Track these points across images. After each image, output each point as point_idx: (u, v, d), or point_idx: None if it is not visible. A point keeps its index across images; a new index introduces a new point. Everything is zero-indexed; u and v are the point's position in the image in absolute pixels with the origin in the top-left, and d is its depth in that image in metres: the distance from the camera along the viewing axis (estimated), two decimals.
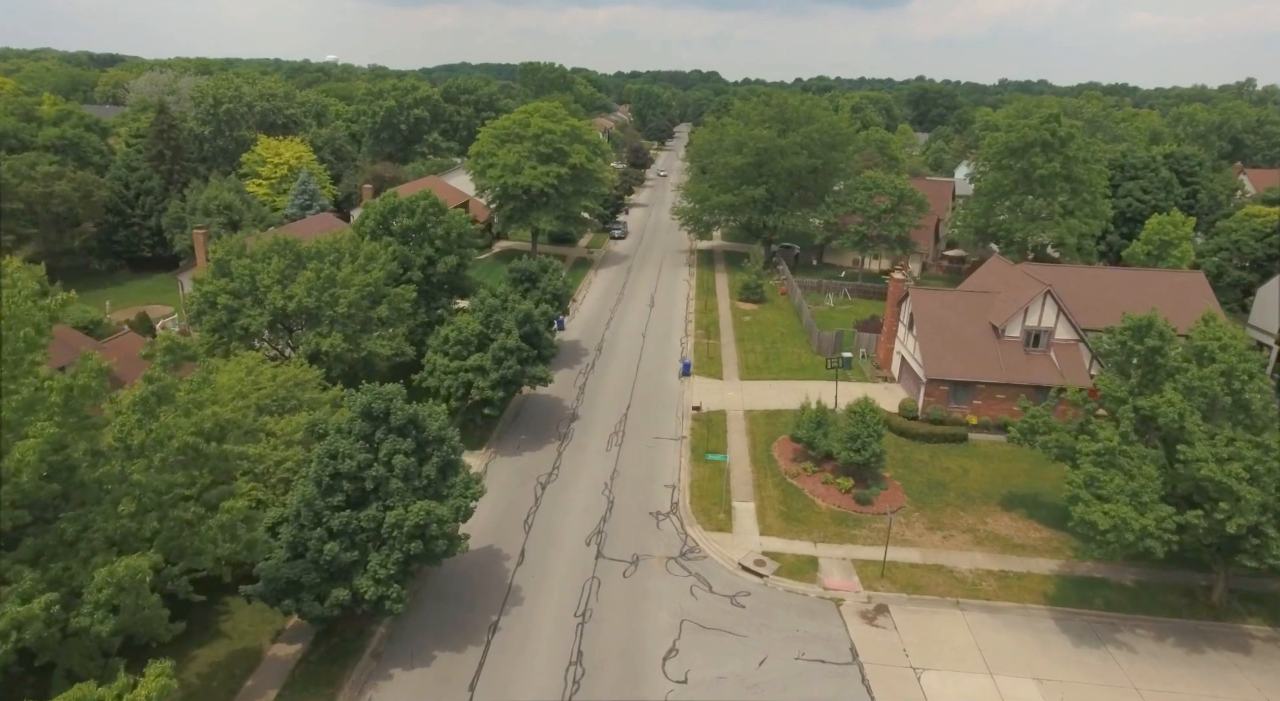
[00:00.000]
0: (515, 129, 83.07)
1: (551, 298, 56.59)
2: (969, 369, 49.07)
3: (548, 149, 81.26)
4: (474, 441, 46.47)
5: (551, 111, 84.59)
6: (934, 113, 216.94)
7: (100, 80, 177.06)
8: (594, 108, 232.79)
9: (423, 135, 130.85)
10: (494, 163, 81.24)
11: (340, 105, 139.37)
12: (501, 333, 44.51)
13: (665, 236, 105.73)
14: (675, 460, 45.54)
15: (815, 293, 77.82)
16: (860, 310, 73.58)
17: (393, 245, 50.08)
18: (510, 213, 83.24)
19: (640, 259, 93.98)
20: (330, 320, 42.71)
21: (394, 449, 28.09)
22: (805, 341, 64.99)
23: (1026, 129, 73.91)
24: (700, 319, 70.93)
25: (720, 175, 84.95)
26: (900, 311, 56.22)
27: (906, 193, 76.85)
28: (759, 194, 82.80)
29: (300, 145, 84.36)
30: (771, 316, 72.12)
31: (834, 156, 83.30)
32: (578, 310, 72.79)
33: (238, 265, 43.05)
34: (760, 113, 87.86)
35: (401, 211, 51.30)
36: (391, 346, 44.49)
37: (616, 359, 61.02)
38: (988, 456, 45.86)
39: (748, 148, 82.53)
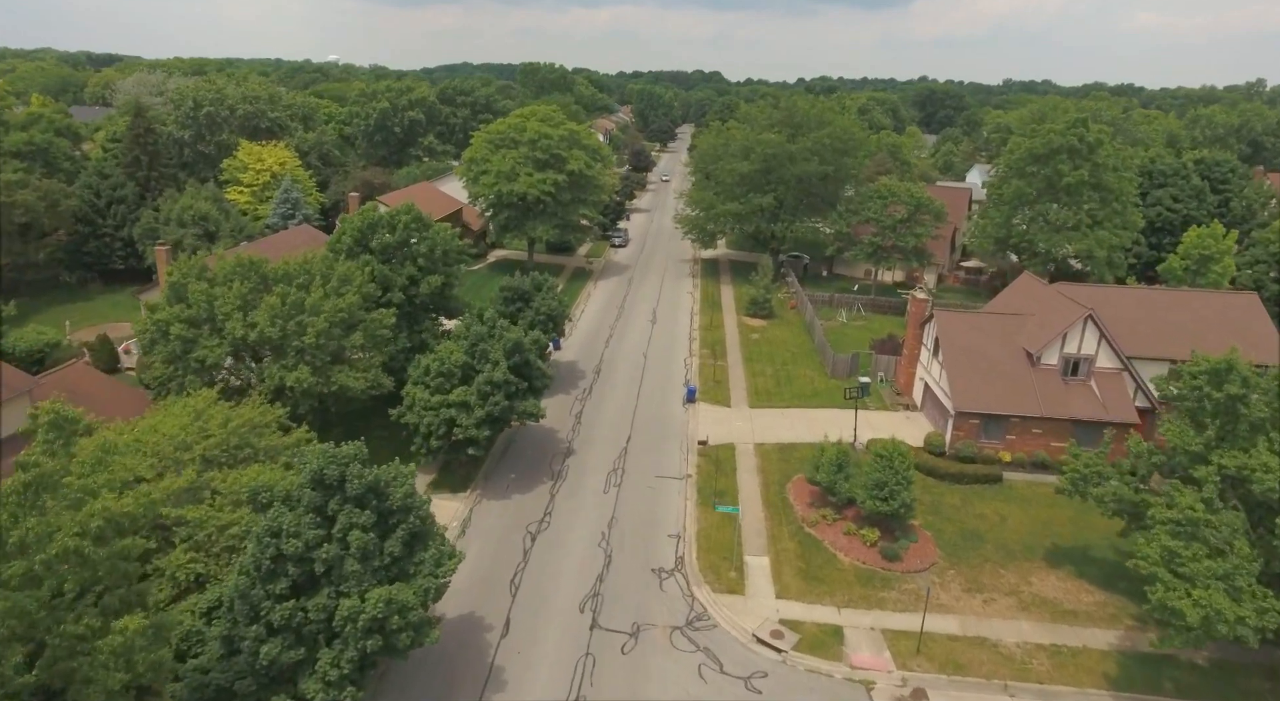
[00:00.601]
0: (510, 134, 78.58)
1: (546, 319, 52.15)
2: (1002, 401, 44.54)
3: (544, 155, 76.78)
4: (457, 482, 42.04)
5: (548, 115, 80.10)
6: (941, 114, 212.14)
7: (91, 81, 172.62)
8: (595, 108, 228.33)
9: (418, 138, 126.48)
10: (488, 169, 76.77)
11: (334, 107, 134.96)
12: (488, 364, 40.04)
13: (668, 244, 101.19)
14: (680, 504, 41.05)
15: (827, 307, 73.28)
16: (875, 327, 69.03)
17: (371, 264, 45.65)
18: (505, 222, 78.77)
19: (642, 269, 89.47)
20: (297, 351, 38.24)
21: (350, 523, 23.66)
22: (818, 363, 60.46)
23: (1052, 134, 69.30)
24: (705, 336, 66.42)
25: (726, 182, 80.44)
26: (923, 334, 51.69)
27: (923, 201, 72.32)
28: (767, 202, 78.28)
29: (284, 150, 79.88)
30: (781, 334, 67.59)
31: (846, 162, 78.75)
32: (575, 326, 68.32)
33: (195, 290, 38.58)
34: (768, 116, 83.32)
35: (381, 227, 46.83)
36: (366, 379, 40.03)
37: (616, 382, 56.52)
38: (1026, 500, 41.32)
39: (755, 153, 78.01)
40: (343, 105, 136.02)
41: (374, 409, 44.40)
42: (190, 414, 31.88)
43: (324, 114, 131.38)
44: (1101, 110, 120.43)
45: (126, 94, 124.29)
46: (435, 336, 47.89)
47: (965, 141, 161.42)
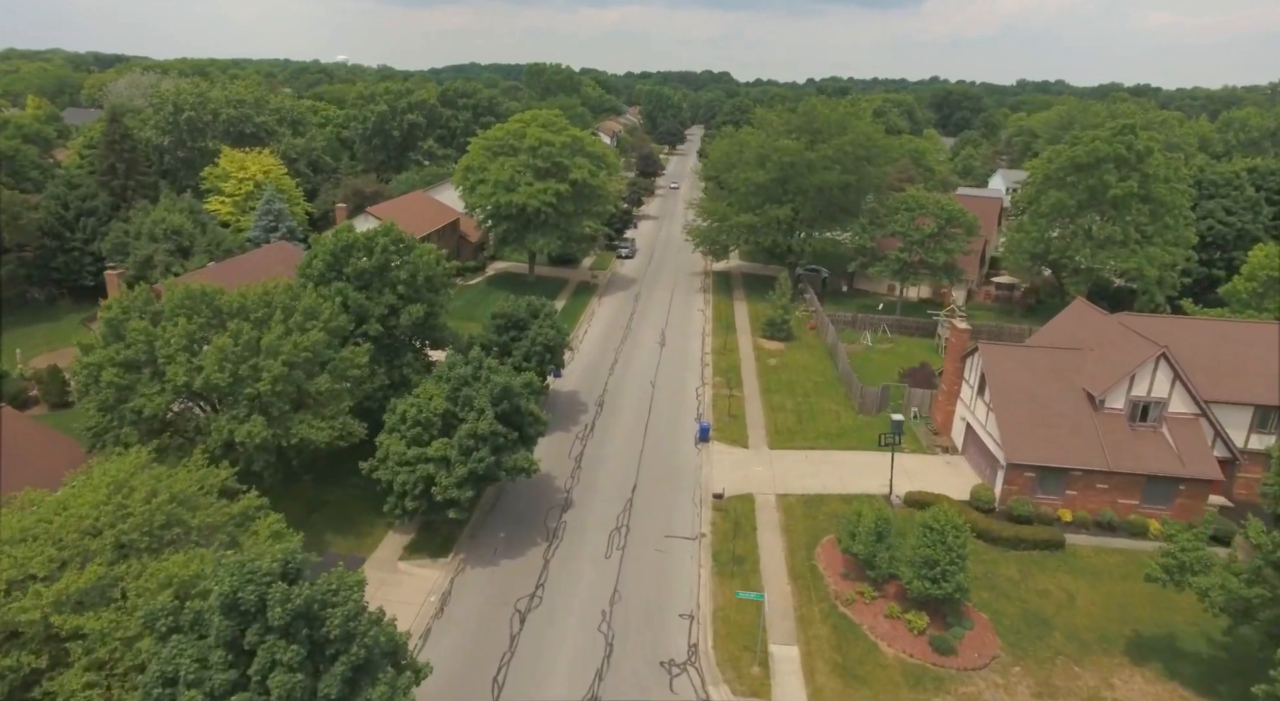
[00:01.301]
0: (509, 140, 73.15)
1: (543, 350, 46.68)
2: (1061, 451, 38.81)
3: (545, 163, 71.31)
4: (438, 545, 36.59)
5: (550, 120, 74.64)
6: (958, 116, 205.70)
7: (87, 82, 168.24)
8: (602, 110, 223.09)
9: (417, 142, 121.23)
10: (485, 178, 71.37)
11: (332, 109, 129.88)
12: (472, 412, 34.58)
13: (677, 255, 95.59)
14: (693, 572, 35.52)
15: (849, 328, 67.58)
16: (903, 352, 63.31)
17: (346, 292, 40.28)
18: (504, 234, 73.36)
19: (650, 283, 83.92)
20: (250, 400, 32.88)
21: (272, 660, 18.24)
22: (843, 395, 54.79)
23: (1097, 142, 63.38)
24: (719, 362, 60.82)
25: (740, 191, 74.82)
26: (965, 368, 45.98)
27: (954, 214, 66.53)
28: (784, 214, 72.64)
29: (269, 158, 74.66)
30: (801, 359, 61.92)
31: (869, 171, 73.02)
32: (578, 348, 62.86)
33: (134, 328, 33.25)
34: (785, 121, 77.65)
35: (357, 250, 41.42)
36: (333, 429, 34.65)
37: (621, 417, 51.00)
38: (1095, 572, 35.58)
39: (771, 161, 72.38)
40: (341, 107, 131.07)
41: (351, 453, 38.98)
42: (109, 486, 26.50)
43: (321, 116, 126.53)
44: (1132, 113, 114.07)
45: (118, 96, 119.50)
46: (419, 371, 42.46)
47: (985, 145, 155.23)
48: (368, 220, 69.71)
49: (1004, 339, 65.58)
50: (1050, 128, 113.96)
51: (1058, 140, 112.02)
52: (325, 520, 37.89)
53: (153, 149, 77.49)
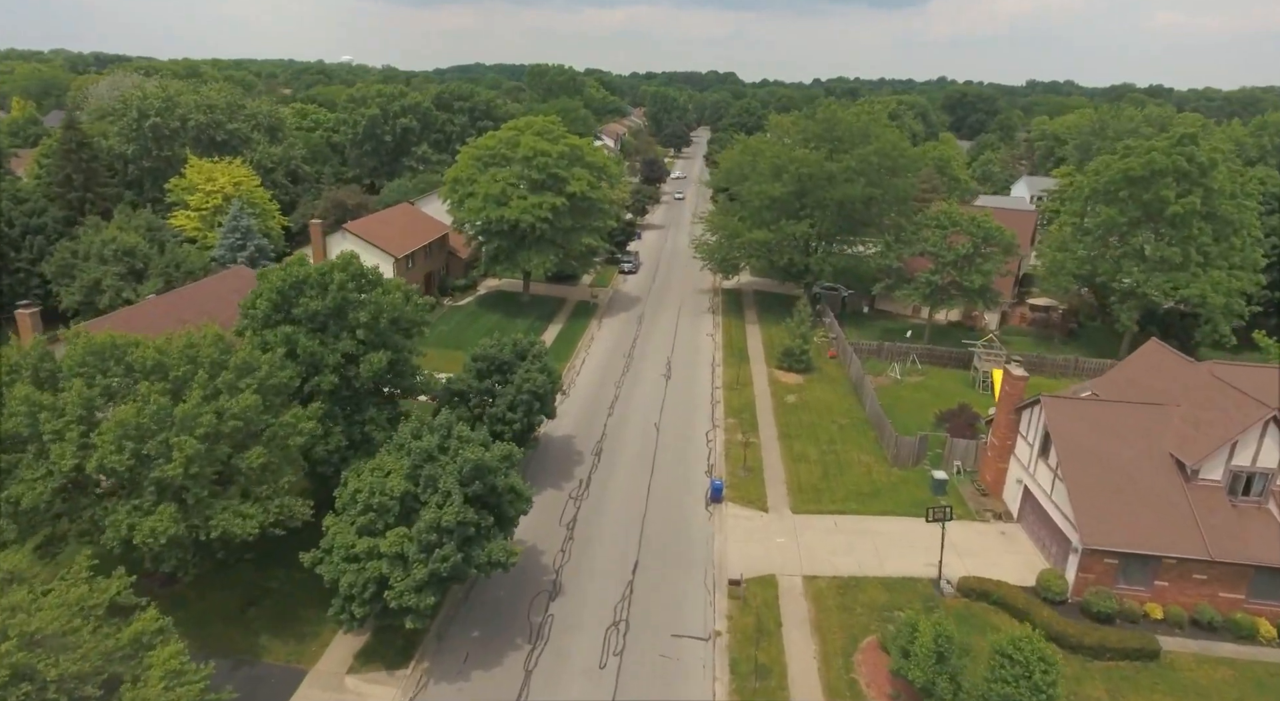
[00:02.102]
0: (501, 149, 66.56)
1: (530, 398, 40.08)
2: (1148, 533, 32.11)
3: (540, 175, 64.72)
4: (395, 652, 30.02)
5: (545, 127, 68.03)
6: (972, 118, 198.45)
7: (74, 84, 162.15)
8: (606, 111, 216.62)
9: (411, 147, 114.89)
10: (474, 191, 64.80)
11: (322, 112, 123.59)
12: (436, 496, 28.05)
13: (683, 270, 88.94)
14: (706, 687, 28.93)
15: (875, 358, 60.87)
16: (936, 385, 56.61)
17: (295, 338, 33.78)
18: (495, 252, 66.78)
19: (654, 302, 77.32)
20: (157, 486, 26.40)
21: None
22: (873, 441, 48.12)
23: (1154, 154, 56.49)
24: (731, 399, 54.17)
25: (753, 205, 68.14)
26: (1021, 422, 39.29)
27: (991, 232, 59.75)
28: (801, 230, 65.95)
29: (240, 168, 68.25)
30: (823, 395, 55.24)
31: (895, 184, 66.28)
32: (575, 381, 56.36)
33: (14, 396, 26.76)
34: (802, 128, 70.90)
35: (309, 288, 34.88)
36: (265, 515, 28.14)
37: (621, 470, 44.40)
38: (1202, 692, 28.81)
39: (788, 173, 65.67)
40: (333, 111, 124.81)
41: (282, 553, 32.33)
42: None
43: (311, 120, 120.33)
44: (1169, 118, 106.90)
45: (98, 98, 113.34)
46: (384, 427, 35.92)
47: (1004, 149, 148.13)
48: (345, 238, 63.31)
49: (1045, 369, 59.08)
50: (1080, 133, 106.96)
51: (1088, 147, 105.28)
52: (263, 616, 31.35)
53: (116, 158, 71.11)
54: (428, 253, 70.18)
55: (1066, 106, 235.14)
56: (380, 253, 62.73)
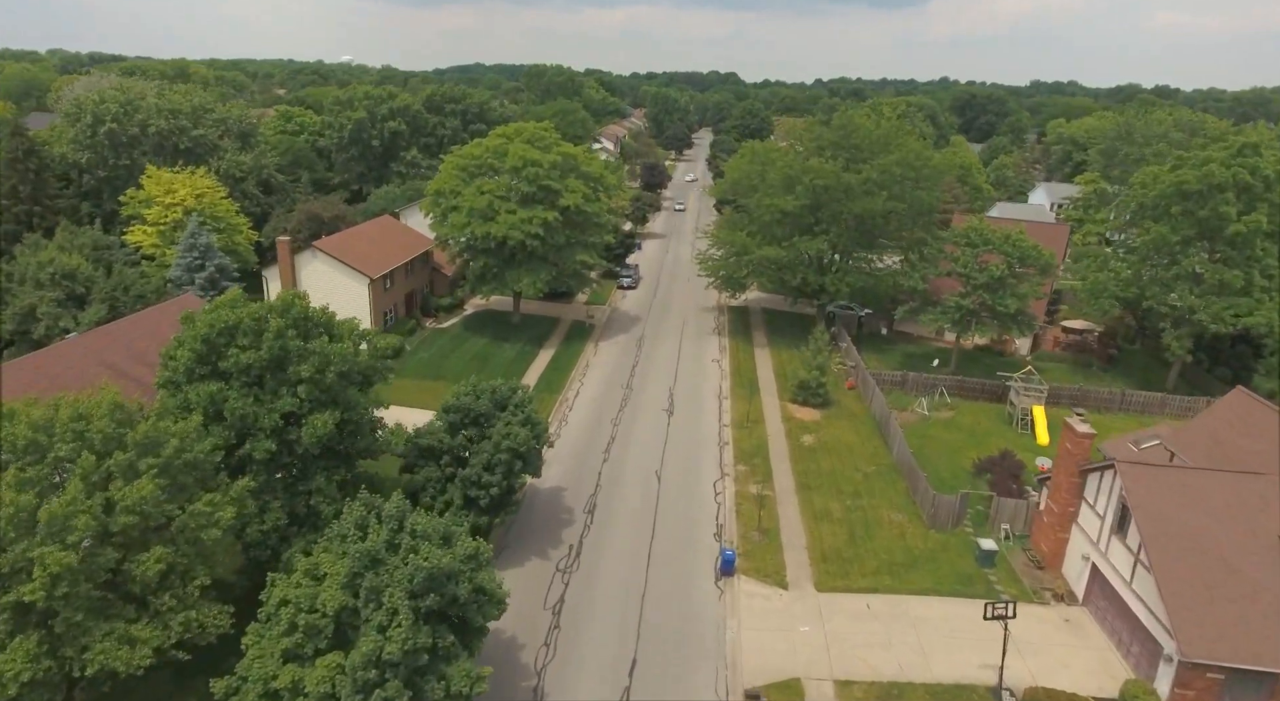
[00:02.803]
0: (488, 159, 60.48)
1: (510, 458, 34.05)
2: (1261, 641, 26.08)
3: (531, 187, 58.66)
4: None
5: (537, 135, 61.93)
6: (982, 120, 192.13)
7: (55, 84, 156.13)
8: (606, 113, 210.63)
9: (399, 152, 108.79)
10: (458, 205, 58.75)
11: (309, 115, 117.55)
12: (380, 613, 22.04)
13: (686, 284, 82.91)
14: None
15: (898, 389, 54.84)
16: (968, 423, 50.62)
17: (224, 397, 27.84)
18: (481, 271, 60.73)
19: (655, 321, 71.28)
20: (13, 612, 20.41)
21: None
22: (903, 491, 42.12)
23: (1212, 165, 50.42)
24: (741, 440, 48.17)
25: (763, 220, 62.07)
26: (1087, 488, 33.27)
27: (1028, 252, 53.71)
28: (817, 247, 59.90)
29: (203, 178, 62.19)
30: (843, 435, 49.20)
31: (920, 197, 60.22)
32: (566, 418, 50.41)
33: None
34: (816, 135, 64.75)
35: (242, 336, 28.85)
36: (161, 638, 22.15)
37: (617, 534, 38.38)
38: None
39: (802, 185, 59.59)
40: (320, 113, 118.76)
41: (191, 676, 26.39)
42: None
43: (296, 123, 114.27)
44: (1201, 123, 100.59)
45: (69, 101, 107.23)
46: (334, 499, 29.92)
47: (1016, 153, 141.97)
48: (315, 257, 57.29)
49: (1088, 403, 53.10)
50: (1104, 138, 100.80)
51: (1113, 152, 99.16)
52: None
53: (71, 167, 65.07)
54: (408, 271, 64.14)
55: (1073, 107, 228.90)
56: (353, 273, 56.72)
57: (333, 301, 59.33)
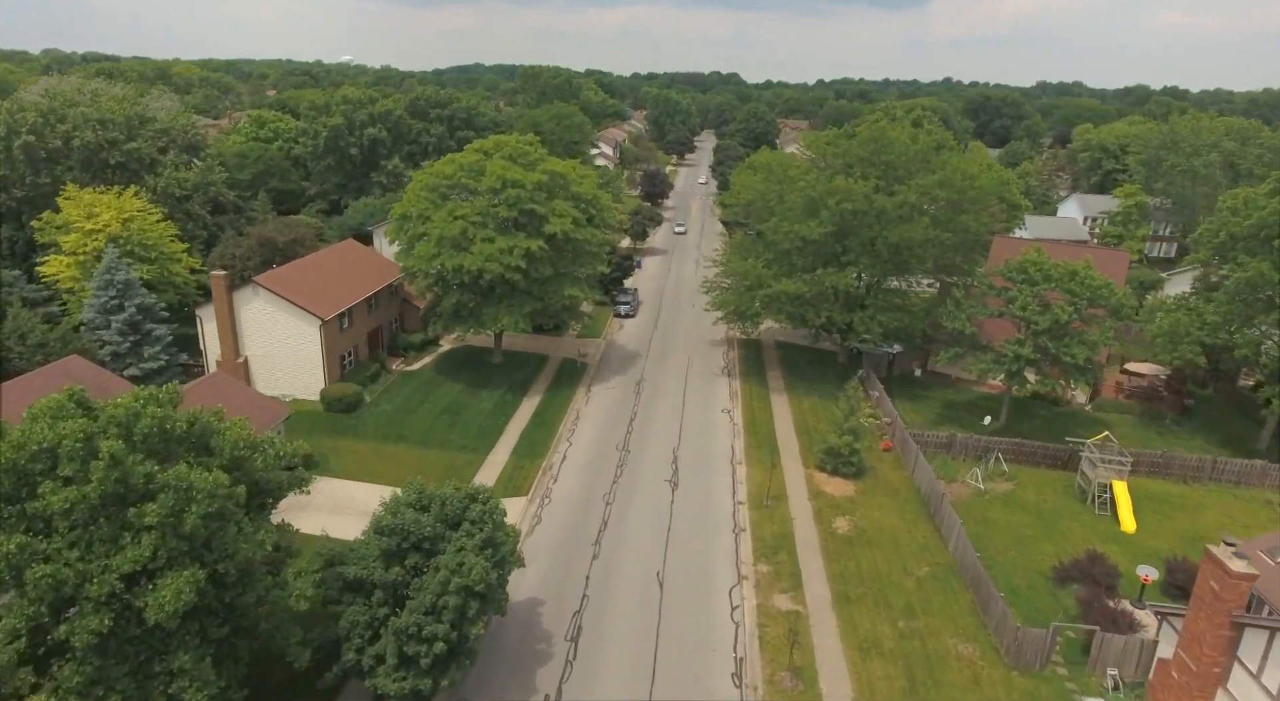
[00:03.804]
0: (462, 178, 51.45)
1: (465, 597, 25.08)
2: None
3: (512, 211, 49.69)
4: None
5: (519, 150, 52.90)
6: (997, 123, 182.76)
7: (23, 83, 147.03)
8: (605, 115, 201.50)
9: (380, 161, 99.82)
10: (427, 232, 49.81)
11: (287, 120, 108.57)
12: None
13: (691, 310, 74.02)
14: None
15: (944, 453, 45.91)
16: (1032, 498, 41.68)
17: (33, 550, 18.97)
18: (454, 309, 51.82)
19: (657, 358, 62.32)
20: None
21: None
22: (966, 604, 33.18)
23: None
24: (761, 526, 39.25)
25: (782, 248, 53.07)
26: (1245, 645, 24.29)
27: (1099, 292, 44.74)
28: (845, 282, 50.92)
29: (133, 199, 53.17)
30: (885, 517, 40.24)
31: (964, 223, 51.28)
32: (550, 493, 41.57)
33: None
34: (841, 150, 55.63)
35: (65, 464, 19.87)
36: None
37: (607, 675, 29.41)
38: None
39: (827, 209, 50.59)
40: (299, 118, 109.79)
41: None
42: None
43: (271, 129, 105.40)
44: (1250, 129, 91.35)
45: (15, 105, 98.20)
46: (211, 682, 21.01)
47: (1039, 160, 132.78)
48: (256, 295, 48.34)
49: (1172, 472, 44.18)
50: (1147, 146, 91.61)
51: (1157, 162, 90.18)
52: None
53: None
54: (372, 305, 55.20)
55: (1084, 110, 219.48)
56: (302, 314, 47.79)
57: (279, 347, 50.10)
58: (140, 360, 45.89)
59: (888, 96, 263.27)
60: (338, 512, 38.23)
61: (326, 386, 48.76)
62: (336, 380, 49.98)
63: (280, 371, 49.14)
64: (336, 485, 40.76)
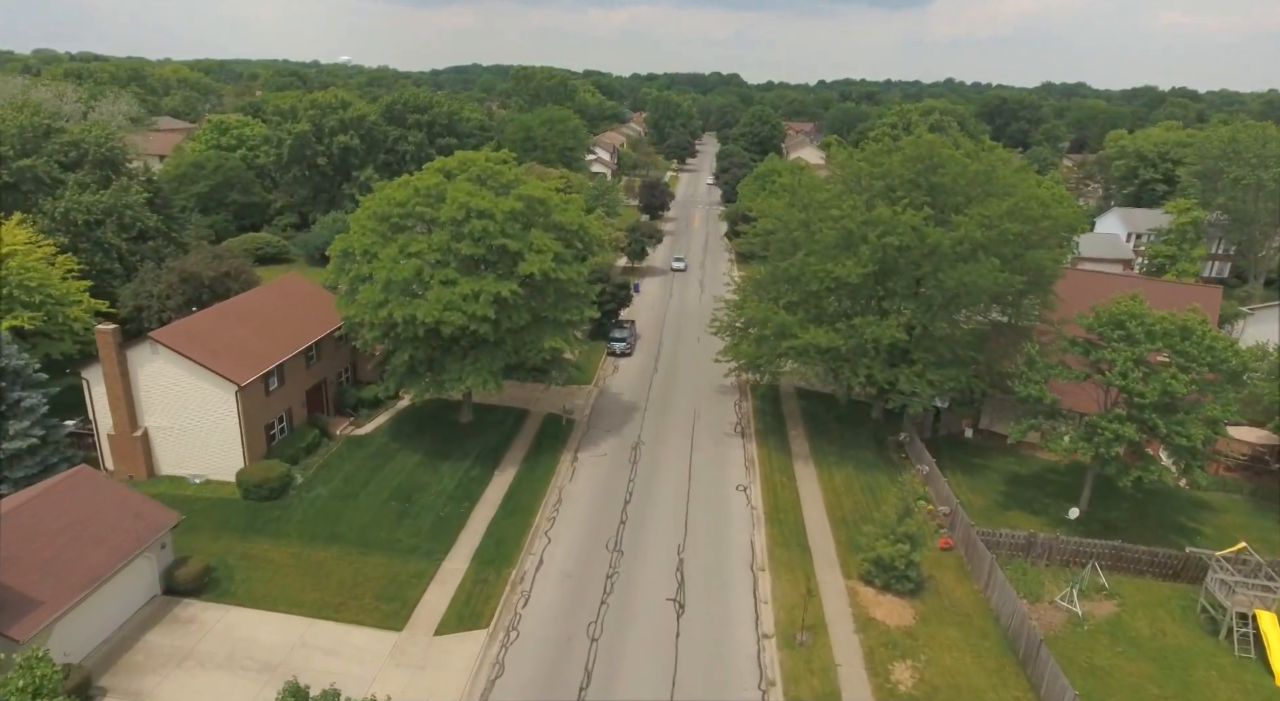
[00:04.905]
0: (417, 205, 41.19)
1: None
2: None
3: (478, 248, 39.55)
4: None
5: (490, 170, 42.67)
6: (1014, 127, 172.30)
7: None
8: (603, 117, 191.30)
9: (352, 171, 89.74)
10: (373, 273, 39.67)
11: (256, 126, 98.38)
12: None
13: (695, 345, 64.06)
14: None
15: (1021, 557, 35.86)
16: (1144, 631, 31.61)
17: None
18: (410, 364, 41.75)
19: (657, 412, 52.27)
20: None
21: None
22: None
23: None
24: (796, 676, 29.20)
25: (811, 288, 42.87)
26: None
27: (1222, 356, 34.68)
28: (889, 334, 40.73)
29: (16, 229, 43.01)
30: (959, 664, 30.17)
31: (1038, 261, 41.19)
32: (516, 627, 31.53)
33: None
34: (882, 172, 45.22)
35: None
36: None
37: None
38: None
39: (868, 243, 40.45)
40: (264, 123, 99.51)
41: None
42: None
43: (234, 136, 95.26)
44: None
45: None
46: None
47: (1066, 167, 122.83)
48: (155, 354, 38.16)
49: None
50: (1205, 156, 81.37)
51: (1217, 174, 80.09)
52: None
53: None
54: (312, 356, 45.06)
55: (1096, 111, 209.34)
56: (213, 378, 37.67)
57: (186, 417, 38.00)
58: (4, 438, 35.81)
59: (892, 97, 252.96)
60: (231, 668, 28.20)
61: (245, 467, 38.71)
62: (261, 456, 39.91)
63: (189, 447, 39.10)
64: (237, 618, 30.72)
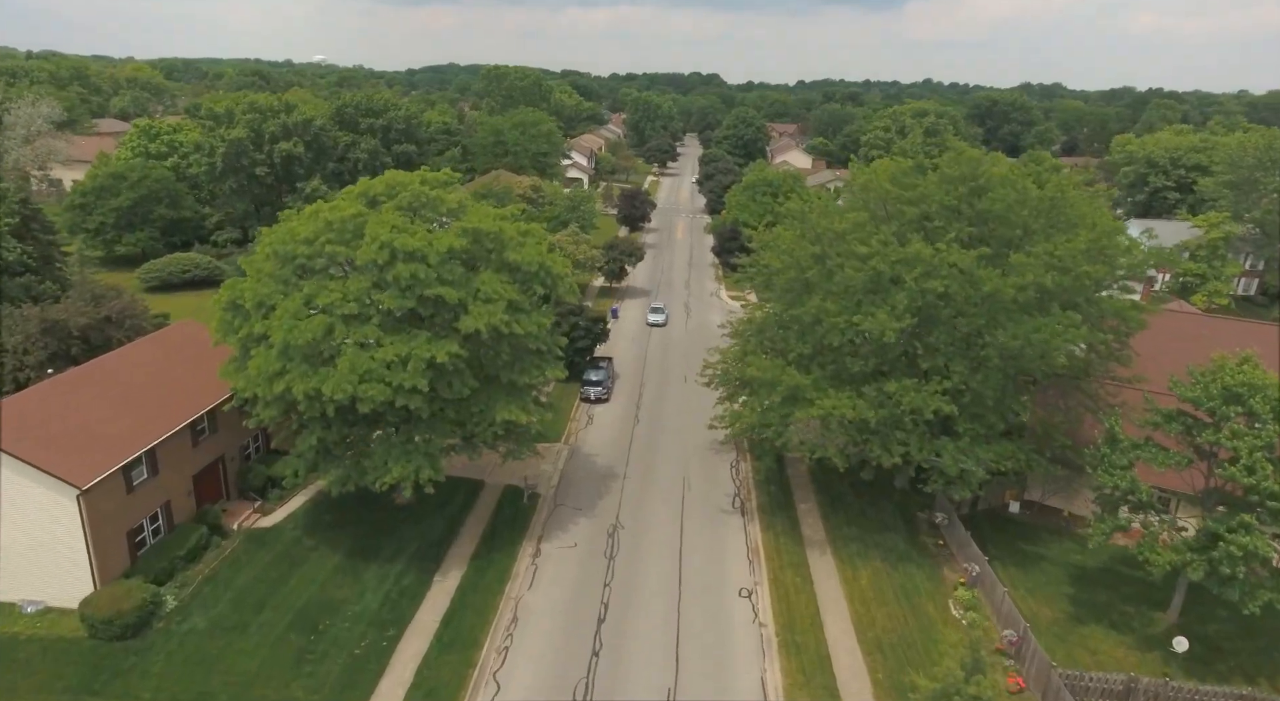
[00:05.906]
0: (326, 245, 31.63)
1: None
2: None
3: (404, 300, 30.21)
4: None
5: (424, 197, 33.28)
6: (1005, 129, 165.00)
7: None
8: (580, 120, 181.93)
9: (297, 182, 79.79)
10: (269, 334, 30.20)
11: (189, 132, 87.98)
12: None
13: (683, 387, 55.13)
14: None
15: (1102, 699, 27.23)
16: None
17: None
18: (319, 446, 32.33)
19: (639, 482, 43.20)
20: None
21: None
22: None
23: None
24: None
25: (829, 344, 33.96)
26: None
27: None
28: (933, 403, 31.93)
29: None
30: None
31: (1118, 307, 32.69)
32: None
33: None
34: (916, 196, 36.32)
35: None
36: None
37: None
38: None
39: (905, 290, 31.65)
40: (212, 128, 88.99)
41: None
42: None
43: (165, 143, 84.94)
44: None
45: None
46: None
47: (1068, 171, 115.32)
48: None
49: None
50: (1238, 165, 73.71)
51: (1251, 185, 72.48)
52: None
53: None
54: (202, 432, 35.41)
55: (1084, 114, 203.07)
56: (45, 479, 28.04)
57: (13, 529, 27.79)
58: None
59: (873, 98, 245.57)
60: None
61: (96, 591, 29.14)
62: (120, 573, 30.35)
63: (19, 566, 29.48)
64: None
